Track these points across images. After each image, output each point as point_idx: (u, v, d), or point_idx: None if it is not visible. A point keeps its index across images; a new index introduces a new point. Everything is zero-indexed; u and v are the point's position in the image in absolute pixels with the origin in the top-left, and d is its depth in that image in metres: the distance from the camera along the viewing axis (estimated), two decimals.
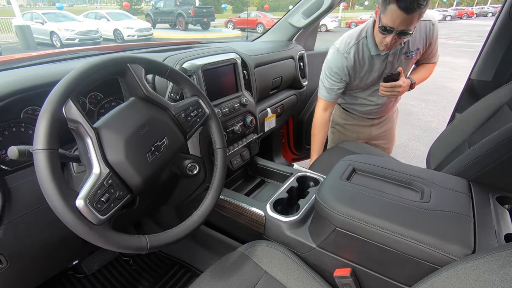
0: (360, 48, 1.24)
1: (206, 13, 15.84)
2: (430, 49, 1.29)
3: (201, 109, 0.72)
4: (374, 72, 1.29)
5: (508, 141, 0.76)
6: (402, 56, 1.26)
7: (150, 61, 0.63)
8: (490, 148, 0.80)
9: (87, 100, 0.82)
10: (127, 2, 22.30)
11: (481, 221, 0.69)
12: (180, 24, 16.02)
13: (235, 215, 1.01)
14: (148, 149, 0.59)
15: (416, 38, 1.22)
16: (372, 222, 0.70)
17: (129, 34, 11.96)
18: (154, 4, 18.77)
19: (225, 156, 0.77)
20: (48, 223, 0.67)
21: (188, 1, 17.40)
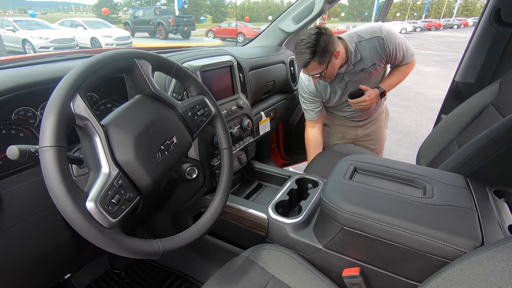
0: None
1: (186, 22, 15.81)
2: (393, 58, 1.30)
3: (207, 108, 0.70)
4: (338, 92, 1.38)
5: (499, 138, 0.80)
6: (361, 73, 1.31)
7: (157, 57, 0.60)
8: (483, 145, 0.83)
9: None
10: (107, 8, 21.86)
11: (484, 214, 0.71)
12: (160, 33, 15.88)
13: (235, 219, 0.98)
14: (158, 148, 0.56)
15: (368, 55, 1.26)
16: (380, 219, 0.70)
17: (107, 42, 11.68)
18: (133, 13, 18.57)
19: (232, 157, 0.75)
20: (42, 232, 0.62)
21: (168, 10, 17.34)
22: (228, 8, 51.25)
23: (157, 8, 17.44)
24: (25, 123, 0.64)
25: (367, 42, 1.25)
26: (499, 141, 0.80)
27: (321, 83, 1.36)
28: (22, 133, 0.64)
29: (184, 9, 33.46)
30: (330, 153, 1.49)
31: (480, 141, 0.85)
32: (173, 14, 16.35)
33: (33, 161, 0.45)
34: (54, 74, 0.67)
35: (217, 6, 52.92)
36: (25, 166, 0.62)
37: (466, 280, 0.54)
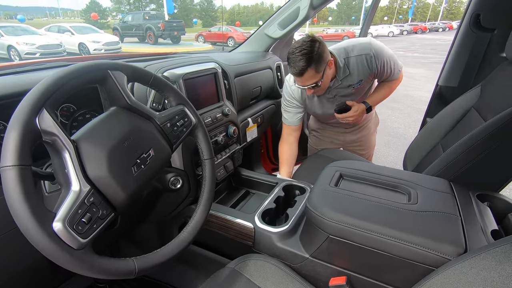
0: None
1: (176, 27, 15.77)
2: (380, 74, 1.30)
3: (187, 118, 0.68)
4: (323, 105, 1.37)
5: (480, 143, 0.81)
6: (348, 89, 1.30)
7: (133, 68, 0.59)
8: (465, 149, 0.84)
9: (58, 112, 0.75)
10: (95, 13, 21.63)
11: (468, 219, 0.71)
12: (149, 38, 15.79)
13: (222, 229, 0.96)
14: (133, 162, 0.54)
15: (355, 72, 1.25)
16: (365, 227, 0.69)
17: (95, 48, 11.55)
18: (122, 18, 18.43)
19: (214, 167, 0.74)
20: (16, 251, 0.59)
21: (157, 15, 17.28)
22: (218, 12, 51.40)
23: (146, 13, 17.39)
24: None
25: (355, 58, 1.23)
26: (481, 145, 0.81)
27: (310, 95, 1.32)
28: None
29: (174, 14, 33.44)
30: (318, 158, 1.49)
31: (462, 146, 0.86)
32: (162, 19, 16.29)
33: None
34: (27, 86, 0.65)
35: (207, 11, 53.03)
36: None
37: (450, 287, 0.53)
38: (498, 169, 0.83)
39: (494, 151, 0.79)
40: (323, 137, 1.65)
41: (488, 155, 0.80)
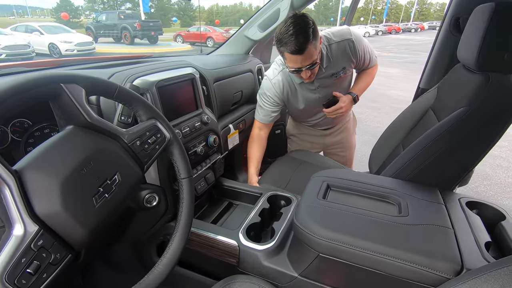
0: (286, 75, 1.26)
1: (153, 27, 15.37)
2: (361, 61, 1.29)
3: (160, 134, 0.61)
4: (306, 98, 1.31)
5: (432, 144, 0.83)
6: (331, 79, 1.26)
7: (92, 79, 0.50)
8: (419, 150, 0.86)
9: (9, 129, 0.65)
10: (65, 13, 20.66)
11: (460, 231, 0.68)
12: (125, 38, 15.29)
13: (204, 248, 0.90)
14: (95, 192, 0.46)
15: (338, 59, 1.23)
16: (357, 244, 0.65)
17: (67, 48, 11.01)
18: (95, 17, 17.74)
19: (192, 187, 0.66)
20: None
21: (133, 15, 16.77)
22: (196, 12, 50.71)
23: (121, 12, 16.81)
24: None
25: (337, 45, 1.21)
26: (433, 146, 0.83)
27: (292, 88, 1.28)
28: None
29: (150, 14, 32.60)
30: (287, 160, 1.47)
31: (416, 147, 0.87)
32: (138, 19, 15.83)
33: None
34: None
35: (185, 11, 52.19)
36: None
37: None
38: (449, 168, 0.87)
39: (445, 151, 0.82)
40: (303, 142, 1.62)
41: (440, 155, 0.83)
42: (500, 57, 0.75)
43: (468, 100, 0.80)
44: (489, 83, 0.77)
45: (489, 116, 0.78)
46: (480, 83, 0.79)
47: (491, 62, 0.77)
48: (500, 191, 2.65)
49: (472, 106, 0.79)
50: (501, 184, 2.79)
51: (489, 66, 0.78)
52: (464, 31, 0.87)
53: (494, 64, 0.77)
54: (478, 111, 0.78)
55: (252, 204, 1.03)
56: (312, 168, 1.41)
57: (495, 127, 0.78)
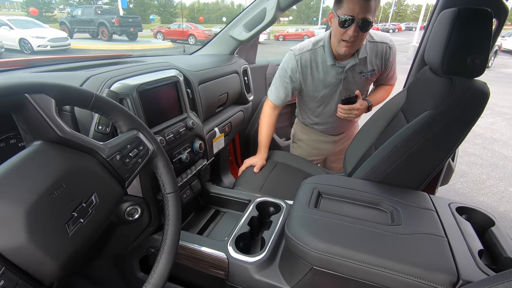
0: (316, 55, 1.25)
1: (132, 23, 14.91)
2: (387, 72, 1.32)
3: (142, 146, 0.56)
4: (327, 85, 1.29)
5: (400, 146, 0.85)
6: (358, 76, 1.28)
7: (63, 88, 0.44)
8: (389, 152, 0.87)
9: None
10: (34, 8, 19.62)
11: (453, 239, 0.68)
12: (102, 34, 14.73)
13: (190, 261, 0.85)
14: (68, 218, 0.41)
15: (372, 58, 1.25)
16: (352, 257, 0.63)
17: (40, 44, 10.47)
18: (70, 11, 16.98)
19: (179, 201, 0.61)
20: None
21: (111, 10, 16.18)
22: (177, 9, 49.68)
23: (98, 7, 16.18)
24: None
25: (375, 44, 1.23)
26: (401, 148, 0.85)
27: (319, 69, 1.25)
28: None
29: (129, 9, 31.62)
30: None
31: (386, 148, 0.89)
32: (117, 14, 15.30)
33: None
34: None
35: (165, 7, 51.00)
36: None
37: None
38: (418, 169, 0.88)
39: (413, 152, 0.84)
40: (310, 148, 1.58)
41: (409, 156, 0.84)
42: (463, 61, 0.77)
43: (433, 103, 0.82)
44: (453, 87, 0.79)
45: (453, 119, 0.80)
46: (444, 87, 0.81)
47: (454, 66, 0.79)
48: (475, 188, 2.76)
49: (437, 109, 0.80)
50: (476, 181, 2.91)
51: (453, 70, 0.80)
52: (430, 35, 0.89)
53: (457, 68, 0.79)
54: (443, 114, 0.80)
55: (240, 212, 0.99)
56: (286, 169, 1.39)
57: (459, 129, 0.81)
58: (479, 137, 4.10)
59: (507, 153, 3.62)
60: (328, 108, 1.39)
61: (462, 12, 0.75)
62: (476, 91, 0.78)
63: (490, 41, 0.74)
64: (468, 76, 0.79)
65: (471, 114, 0.79)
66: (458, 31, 0.75)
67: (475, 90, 0.78)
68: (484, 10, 0.73)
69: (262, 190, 1.22)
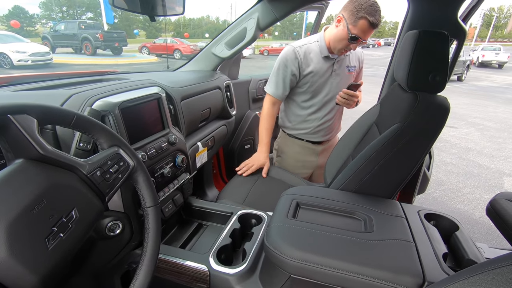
0: (311, 48, 1.39)
1: (117, 38, 14.91)
2: (359, 73, 1.56)
3: (123, 162, 0.58)
4: (321, 73, 1.41)
5: (373, 157, 0.91)
6: (345, 69, 1.46)
7: (45, 108, 0.46)
8: (362, 163, 0.93)
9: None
10: (16, 21, 19.29)
11: (421, 244, 0.73)
12: (86, 49, 14.62)
13: (172, 275, 0.85)
14: (48, 232, 0.42)
15: (353, 57, 1.48)
16: (327, 264, 0.66)
17: (20, 58, 10.28)
18: (53, 26, 16.83)
19: (159, 215, 0.63)
20: None
21: (95, 25, 16.17)
22: (162, 24, 50.10)
23: (82, 22, 16.13)
24: None
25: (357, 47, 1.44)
26: (374, 159, 0.90)
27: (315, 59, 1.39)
28: None
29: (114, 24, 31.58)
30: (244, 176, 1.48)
31: (360, 160, 0.94)
32: (101, 29, 15.26)
33: None
34: None
35: (150, 22, 51.28)
36: None
37: None
38: (389, 179, 0.94)
39: (384, 163, 0.90)
40: (294, 161, 1.61)
41: (380, 167, 0.90)
42: (425, 78, 0.84)
43: (401, 117, 0.88)
44: (417, 102, 0.86)
45: (418, 131, 0.87)
46: (410, 102, 0.88)
47: (418, 83, 0.86)
48: (453, 196, 2.87)
49: (404, 122, 0.87)
50: (453, 189, 3.03)
51: (417, 86, 0.87)
52: (397, 55, 0.96)
53: (420, 84, 0.86)
54: (409, 127, 0.86)
55: (222, 224, 1.01)
56: (270, 180, 1.43)
57: (425, 140, 0.88)
58: (455, 147, 4.29)
59: (481, 162, 3.79)
60: (317, 100, 1.47)
61: (422, 34, 0.82)
62: (438, 106, 0.85)
63: (447, 60, 0.82)
64: (430, 92, 0.87)
65: (434, 126, 0.85)
66: (419, 51, 0.83)
67: (437, 104, 0.85)
68: (442, 32, 0.81)
69: (245, 202, 1.25)
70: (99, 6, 25.02)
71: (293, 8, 1.28)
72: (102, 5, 16.05)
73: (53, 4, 43.98)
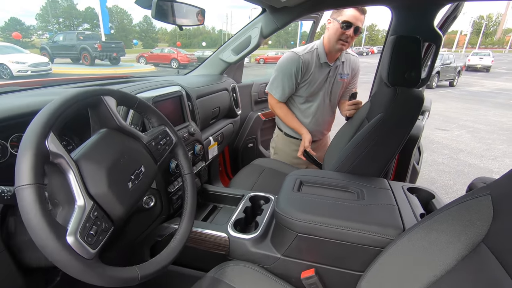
0: (312, 56, 1.53)
1: (115, 48, 15.13)
2: (353, 80, 1.68)
3: (168, 137, 0.74)
4: (318, 81, 1.56)
5: (362, 142, 1.06)
6: (338, 76, 1.59)
7: (121, 93, 0.64)
8: (354, 146, 1.09)
9: (8, 144, 0.70)
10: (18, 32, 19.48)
11: (402, 207, 0.89)
12: (84, 59, 14.81)
13: (195, 242, 1.00)
14: (129, 178, 0.58)
15: (347, 64, 1.61)
16: (328, 222, 0.82)
17: (19, 69, 10.41)
18: (50, 37, 17.06)
19: (194, 180, 0.79)
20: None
21: (93, 36, 16.41)
22: (159, 34, 50.71)
23: (81, 33, 16.38)
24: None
25: (349, 55, 1.63)
26: (362, 143, 1.06)
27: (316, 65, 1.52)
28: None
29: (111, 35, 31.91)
30: (252, 168, 1.65)
31: (352, 144, 1.10)
32: (99, 40, 15.50)
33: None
34: (16, 111, 0.66)
35: (147, 32, 51.87)
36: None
37: (395, 261, 0.68)
38: (377, 159, 1.09)
39: (372, 146, 1.05)
40: (289, 158, 1.77)
41: (369, 150, 1.05)
42: (402, 75, 1.01)
43: (384, 108, 1.05)
44: (396, 95, 1.03)
45: (397, 120, 1.03)
46: (391, 95, 1.05)
47: (396, 79, 1.03)
48: (444, 192, 3.04)
49: (386, 113, 1.03)
50: (445, 186, 3.20)
51: (396, 82, 1.04)
52: (382, 56, 1.14)
53: (399, 80, 1.03)
54: (390, 116, 1.02)
55: (235, 206, 1.16)
56: (273, 173, 1.59)
57: (403, 128, 1.03)
58: (446, 148, 4.49)
59: (471, 162, 3.98)
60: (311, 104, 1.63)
61: (399, 39, 1.00)
62: (414, 97, 1.02)
63: (420, 60, 1.00)
64: (408, 86, 1.04)
65: (412, 114, 1.02)
66: (397, 52, 1.00)
67: (413, 96, 1.02)
68: (414, 37, 0.99)
69: (253, 189, 1.40)
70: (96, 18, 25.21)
71: (292, 18, 1.46)
72: (100, 16, 16.32)
73: (49, 16, 44.41)
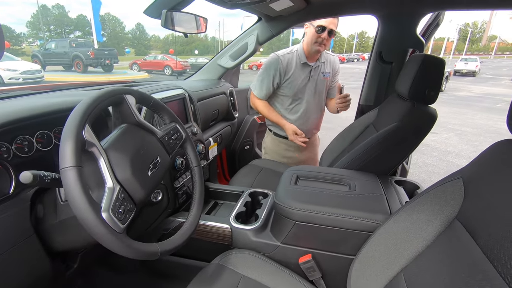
0: (293, 57, 1.62)
1: (108, 55, 15.15)
2: (335, 79, 1.77)
3: (179, 133, 0.82)
4: (300, 80, 1.64)
5: (375, 144, 1.14)
6: (321, 75, 1.68)
7: (139, 92, 0.72)
8: (364, 149, 1.17)
9: (34, 140, 0.75)
10: (6, 41, 19.29)
11: (389, 196, 0.98)
12: (77, 66, 14.78)
13: (201, 234, 1.07)
14: (148, 166, 0.66)
15: (327, 64, 1.70)
16: (323, 210, 0.90)
17: (11, 76, 10.35)
18: (42, 44, 16.98)
19: (202, 173, 0.87)
20: (22, 264, 0.63)
21: (86, 43, 16.42)
22: (151, 41, 50.81)
23: (73, 40, 16.40)
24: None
25: (328, 55, 1.72)
26: (376, 146, 1.15)
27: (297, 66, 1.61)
28: None
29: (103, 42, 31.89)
30: (250, 168, 1.73)
31: (363, 146, 1.19)
32: (92, 47, 15.51)
33: (40, 185, 0.51)
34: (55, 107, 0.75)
35: (139, 39, 51.94)
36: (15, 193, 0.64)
37: (382, 242, 0.76)
38: (386, 162, 1.19)
39: (383, 151, 1.13)
40: (279, 157, 1.85)
41: (380, 152, 1.14)
42: (423, 91, 1.09)
43: (399, 118, 1.13)
44: (414, 108, 1.11)
45: (412, 130, 1.11)
46: (409, 108, 1.13)
47: (417, 94, 1.10)
48: None
49: (401, 122, 1.11)
50: None
51: (416, 96, 1.11)
52: (403, 71, 1.20)
53: (419, 96, 1.10)
54: (405, 126, 1.10)
55: (235, 201, 1.24)
56: (270, 172, 1.67)
57: (415, 138, 1.12)
58: (435, 150, 4.64)
59: (459, 163, 4.13)
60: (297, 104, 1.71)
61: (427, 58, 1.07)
62: (429, 114, 1.09)
63: (441, 81, 1.08)
64: (425, 102, 1.11)
65: (424, 128, 1.10)
66: (423, 70, 1.07)
67: (429, 113, 1.09)
68: (441, 59, 1.07)
69: (252, 186, 1.48)
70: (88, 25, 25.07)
71: (286, 27, 1.57)
72: (92, 23, 16.34)
73: (40, 23, 44.19)
